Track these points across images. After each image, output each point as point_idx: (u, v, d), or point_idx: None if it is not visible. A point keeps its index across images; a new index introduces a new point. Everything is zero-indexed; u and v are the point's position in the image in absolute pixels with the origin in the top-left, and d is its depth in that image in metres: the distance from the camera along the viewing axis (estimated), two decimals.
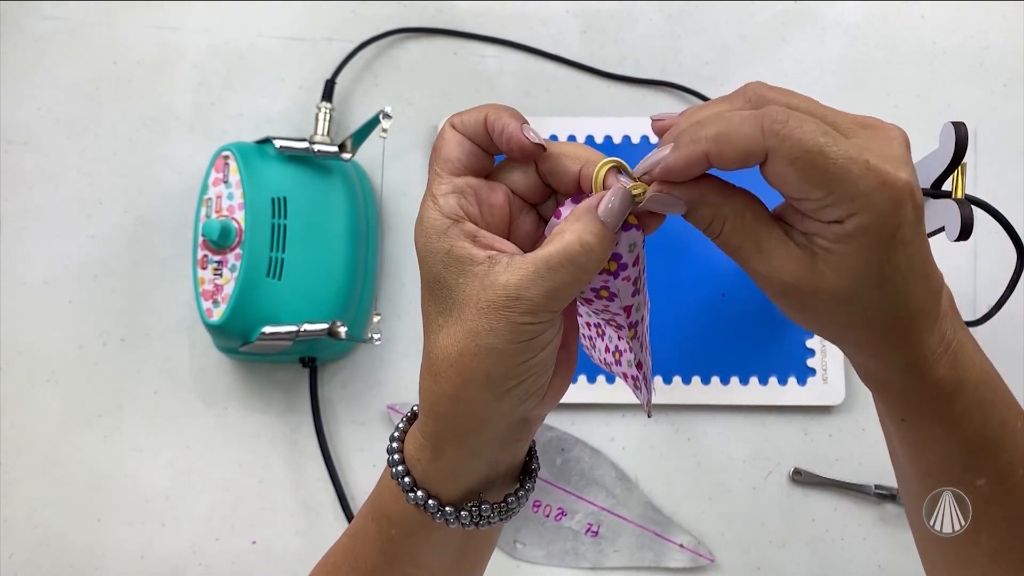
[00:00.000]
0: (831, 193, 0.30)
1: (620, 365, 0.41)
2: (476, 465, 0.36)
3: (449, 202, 0.33)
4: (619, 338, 0.39)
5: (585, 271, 0.32)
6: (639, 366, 0.39)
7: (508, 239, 0.35)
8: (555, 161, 0.34)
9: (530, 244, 0.36)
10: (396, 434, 0.38)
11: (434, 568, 0.39)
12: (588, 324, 0.41)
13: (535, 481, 0.40)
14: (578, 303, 0.38)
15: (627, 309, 0.36)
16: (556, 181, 0.35)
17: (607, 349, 0.41)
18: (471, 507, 0.37)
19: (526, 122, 0.34)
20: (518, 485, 0.39)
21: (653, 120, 0.34)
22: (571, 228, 0.32)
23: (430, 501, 0.36)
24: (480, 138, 0.35)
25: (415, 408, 0.39)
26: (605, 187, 0.33)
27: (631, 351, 0.38)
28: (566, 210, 0.34)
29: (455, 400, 0.34)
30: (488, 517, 0.37)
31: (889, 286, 0.32)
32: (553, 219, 0.34)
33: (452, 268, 0.33)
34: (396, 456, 0.37)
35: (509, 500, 0.38)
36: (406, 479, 0.36)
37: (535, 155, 0.34)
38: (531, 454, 0.41)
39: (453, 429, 0.35)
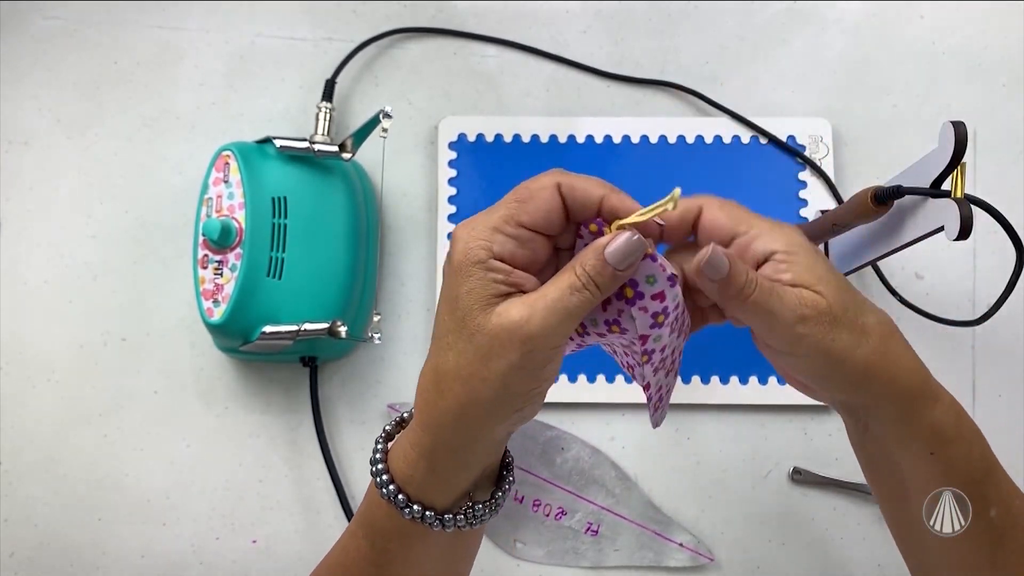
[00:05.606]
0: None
1: (634, 379, 0.42)
2: (468, 474, 0.38)
3: (506, 246, 0.35)
4: (633, 360, 0.40)
5: (588, 302, 0.34)
6: (647, 387, 0.40)
7: (529, 270, 0.36)
8: (580, 192, 0.35)
9: (550, 271, 0.37)
10: (377, 455, 0.39)
11: (427, 570, 0.40)
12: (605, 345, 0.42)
13: (514, 472, 0.41)
14: (595, 336, 0.39)
15: (643, 338, 0.37)
16: (578, 208, 0.36)
17: (625, 364, 0.42)
18: (464, 510, 0.38)
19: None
20: (499, 480, 0.41)
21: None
22: (580, 262, 0.34)
23: (427, 513, 0.37)
24: (580, 212, 0.36)
25: (387, 428, 0.41)
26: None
27: (644, 374, 0.39)
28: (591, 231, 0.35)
29: (458, 417, 0.35)
30: (481, 516, 0.39)
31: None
32: (579, 240, 0.36)
33: (475, 295, 0.34)
34: (384, 477, 0.38)
35: (497, 496, 0.39)
36: (399, 496, 0.37)
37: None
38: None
39: (450, 444, 0.36)
